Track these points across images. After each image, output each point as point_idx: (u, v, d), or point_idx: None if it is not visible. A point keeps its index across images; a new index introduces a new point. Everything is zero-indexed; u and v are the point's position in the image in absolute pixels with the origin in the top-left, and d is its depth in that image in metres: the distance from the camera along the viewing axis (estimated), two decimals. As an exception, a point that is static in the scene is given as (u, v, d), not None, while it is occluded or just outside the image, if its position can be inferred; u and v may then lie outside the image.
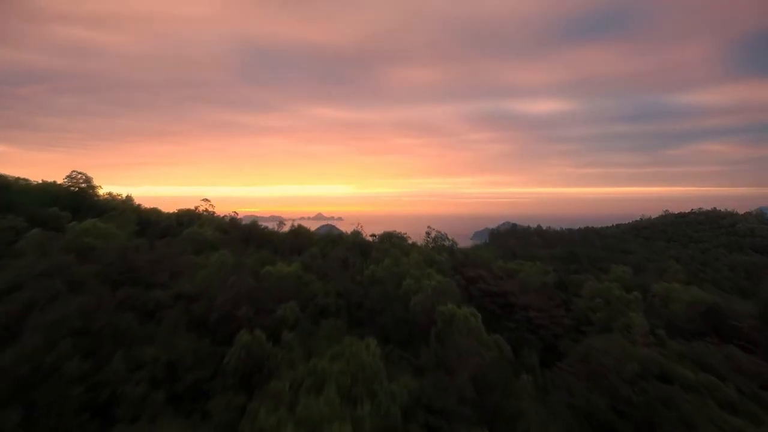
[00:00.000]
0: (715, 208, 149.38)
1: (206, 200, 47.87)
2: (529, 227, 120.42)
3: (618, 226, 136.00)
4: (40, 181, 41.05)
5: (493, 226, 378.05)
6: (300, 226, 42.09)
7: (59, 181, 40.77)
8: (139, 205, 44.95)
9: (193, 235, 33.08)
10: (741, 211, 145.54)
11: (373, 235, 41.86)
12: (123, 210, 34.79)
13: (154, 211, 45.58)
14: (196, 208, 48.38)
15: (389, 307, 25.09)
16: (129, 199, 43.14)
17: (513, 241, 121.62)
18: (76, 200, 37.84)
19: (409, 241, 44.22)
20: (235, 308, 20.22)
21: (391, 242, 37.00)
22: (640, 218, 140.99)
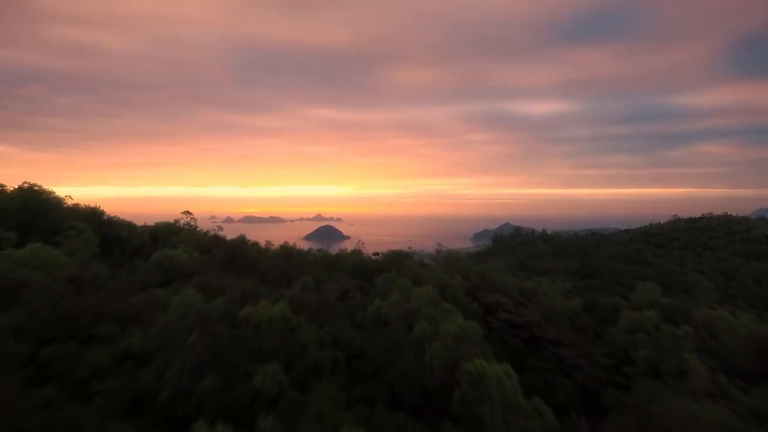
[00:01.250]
0: (726, 212, 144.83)
1: (188, 213, 42.40)
2: (533, 231, 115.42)
3: (627, 231, 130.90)
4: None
5: (492, 227, 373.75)
6: (293, 247, 36.36)
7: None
8: (110, 217, 39.41)
9: (162, 260, 27.72)
10: (741, 213, 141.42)
11: (376, 254, 36.61)
12: (81, 230, 29.21)
13: (127, 225, 40.06)
14: (177, 221, 42.94)
15: (398, 359, 19.98)
16: (97, 211, 37.51)
17: (518, 247, 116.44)
18: (30, 216, 32.34)
19: (417, 259, 38.98)
20: (196, 379, 15.06)
21: (398, 263, 31.68)
22: (650, 224, 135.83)
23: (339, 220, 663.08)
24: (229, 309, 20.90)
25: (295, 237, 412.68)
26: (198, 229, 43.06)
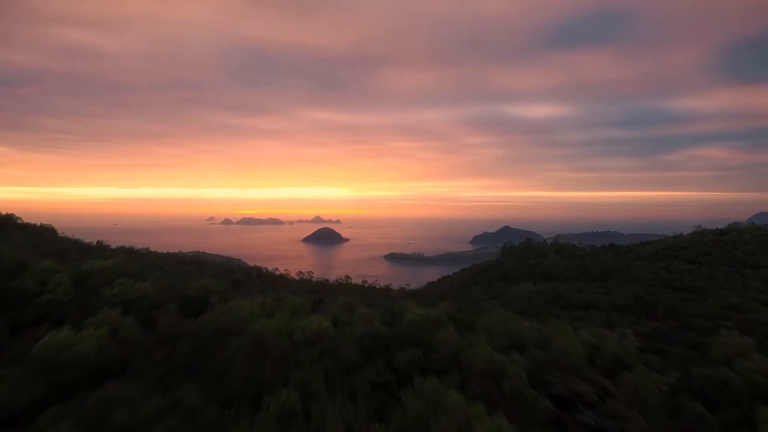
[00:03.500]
0: (753, 222, 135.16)
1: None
2: (545, 241, 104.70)
3: (648, 243, 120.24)
4: None
5: (492, 230, 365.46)
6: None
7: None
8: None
9: (50, 353, 16.12)
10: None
11: (388, 325, 21.46)
12: None
13: (40, 270, 28.54)
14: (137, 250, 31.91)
15: None
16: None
17: (532, 260, 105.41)
18: None
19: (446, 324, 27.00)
20: None
21: (430, 337, 19.55)
22: (673, 234, 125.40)
23: (338, 222, 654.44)
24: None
25: (294, 239, 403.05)
26: (164, 269, 31.62)
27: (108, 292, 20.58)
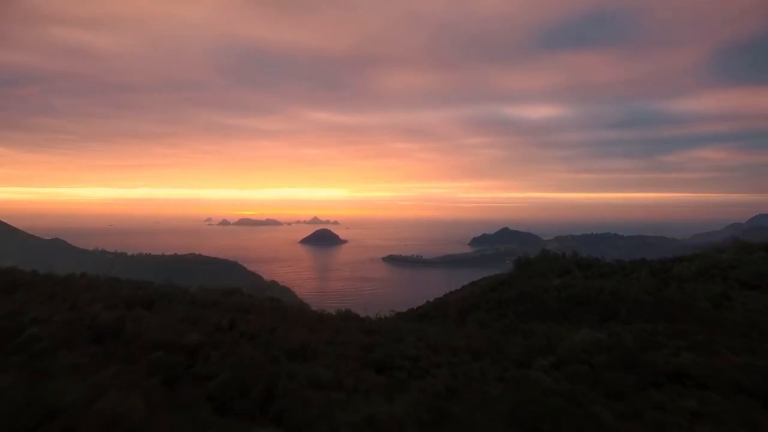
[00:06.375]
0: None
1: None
2: (564, 254, 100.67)
3: (689, 260, 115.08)
4: None
5: (491, 231, 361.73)
6: None
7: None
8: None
9: None
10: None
11: None
12: None
13: None
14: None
15: None
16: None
17: (558, 279, 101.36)
18: None
19: None
20: None
21: None
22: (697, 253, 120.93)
23: (336, 223, 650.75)
24: None
25: (292, 240, 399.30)
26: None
27: None
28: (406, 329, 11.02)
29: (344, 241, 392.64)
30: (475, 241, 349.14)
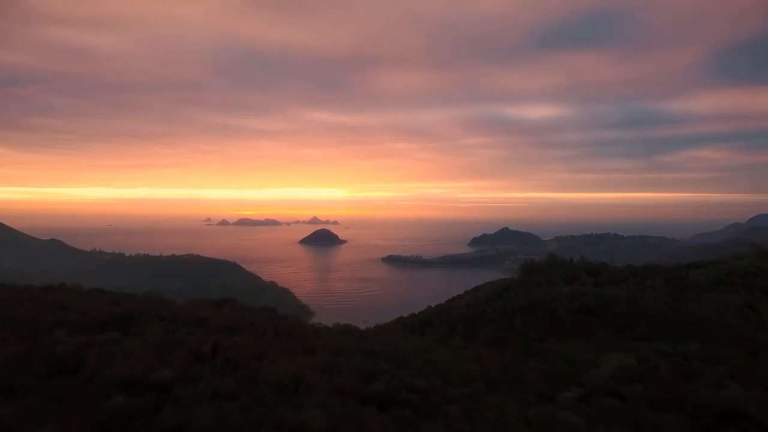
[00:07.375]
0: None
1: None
2: (571, 259, 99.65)
3: (703, 266, 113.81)
4: None
5: (491, 231, 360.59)
6: None
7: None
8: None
9: None
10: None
11: None
12: None
13: None
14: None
15: None
16: None
17: (567, 288, 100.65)
18: None
19: None
20: None
21: None
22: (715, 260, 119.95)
23: (335, 223, 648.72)
24: None
25: (291, 240, 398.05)
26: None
27: None
28: (411, 349, 10.04)
29: (344, 242, 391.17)
30: (475, 242, 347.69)
